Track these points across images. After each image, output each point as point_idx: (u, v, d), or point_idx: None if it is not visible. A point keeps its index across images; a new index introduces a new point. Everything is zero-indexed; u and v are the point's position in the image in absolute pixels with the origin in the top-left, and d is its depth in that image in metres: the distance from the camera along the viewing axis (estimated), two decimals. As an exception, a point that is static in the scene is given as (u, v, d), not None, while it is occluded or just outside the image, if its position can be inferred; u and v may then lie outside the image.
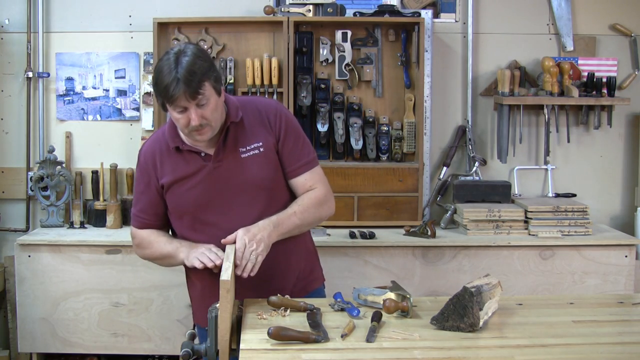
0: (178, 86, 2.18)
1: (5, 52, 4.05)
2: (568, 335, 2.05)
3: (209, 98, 2.25)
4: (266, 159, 2.40)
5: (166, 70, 2.20)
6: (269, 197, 2.41)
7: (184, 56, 2.22)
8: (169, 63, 2.21)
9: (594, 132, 4.13)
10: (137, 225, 2.52)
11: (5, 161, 4.08)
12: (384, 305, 2.19)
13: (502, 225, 3.76)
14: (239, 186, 2.38)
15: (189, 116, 2.24)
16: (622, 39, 4.13)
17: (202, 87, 2.21)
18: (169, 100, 2.22)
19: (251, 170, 2.38)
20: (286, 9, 3.89)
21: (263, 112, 2.44)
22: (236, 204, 2.38)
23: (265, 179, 2.40)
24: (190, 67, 2.20)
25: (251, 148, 2.40)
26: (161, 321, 3.70)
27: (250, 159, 2.39)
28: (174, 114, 2.27)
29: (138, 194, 2.51)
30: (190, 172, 2.39)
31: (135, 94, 4.06)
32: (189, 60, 2.21)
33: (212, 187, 2.38)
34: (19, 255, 3.67)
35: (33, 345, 3.71)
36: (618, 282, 3.70)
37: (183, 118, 2.26)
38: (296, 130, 2.48)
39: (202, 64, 2.23)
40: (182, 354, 2.03)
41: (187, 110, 2.24)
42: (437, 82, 4.04)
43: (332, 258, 3.59)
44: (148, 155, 2.46)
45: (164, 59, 2.24)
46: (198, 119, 2.24)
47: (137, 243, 2.54)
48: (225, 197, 2.38)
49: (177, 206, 2.43)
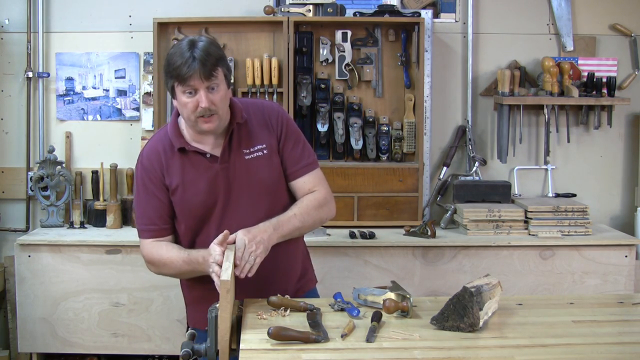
0: (193, 64, 2.19)
1: (5, 52, 4.05)
2: (568, 335, 2.05)
3: (220, 84, 2.26)
4: (269, 161, 2.40)
5: (179, 53, 2.22)
6: (272, 199, 2.41)
7: (199, 41, 2.25)
8: (183, 47, 2.23)
9: (594, 132, 4.13)
10: (148, 235, 2.41)
11: (5, 161, 4.08)
12: (384, 305, 2.19)
13: (502, 225, 3.76)
14: (244, 188, 2.38)
15: (198, 98, 2.23)
16: (622, 39, 4.13)
17: (215, 70, 2.23)
18: (181, 79, 2.20)
19: (256, 172, 2.38)
20: (286, 9, 3.89)
21: (265, 114, 2.44)
22: (240, 206, 2.38)
23: (269, 181, 2.40)
24: (206, 49, 2.22)
25: (255, 150, 2.39)
26: (161, 321, 3.70)
27: (255, 161, 2.38)
28: (182, 98, 2.25)
29: (142, 202, 2.41)
30: (197, 174, 2.36)
31: (135, 94, 4.06)
32: (204, 44, 2.24)
33: (219, 188, 2.37)
34: (19, 255, 3.67)
35: (33, 345, 3.71)
36: (618, 282, 3.70)
37: (192, 102, 2.24)
38: (296, 133, 2.48)
39: (216, 50, 2.27)
40: (182, 354, 2.03)
41: (196, 93, 2.23)
42: (437, 82, 4.04)
43: (332, 258, 3.59)
44: (152, 155, 2.40)
45: (177, 46, 2.26)
46: (207, 102, 2.22)
47: (149, 261, 2.42)
48: (230, 199, 2.37)
49: (183, 208, 2.39)
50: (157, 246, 2.40)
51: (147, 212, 2.41)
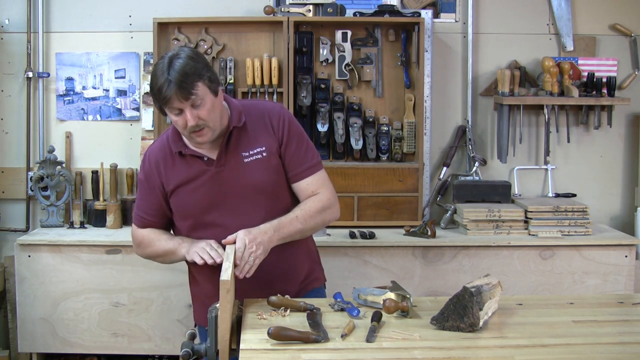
0: (170, 87, 2.20)
1: (5, 52, 4.05)
2: (568, 335, 2.05)
3: (204, 98, 2.26)
4: (269, 163, 2.41)
5: (159, 73, 2.24)
6: (271, 201, 2.41)
7: (177, 59, 2.24)
8: (162, 67, 2.24)
9: (594, 132, 4.13)
10: (139, 224, 2.53)
11: (5, 161, 4.08)
12: (384, 305, 2.19)
13: (502, 225, 3.76)
14: (242, 190, 2.39)
15: (185, 117, 2.26)
16: (622, 39, 4.13)
17: (194, 87, 2.23)
18: (163, 102, 2.25)
19: (253, 175, 2.39)
20: (286, 9, 3.89)
21: (267, 116, 2.45)
22: (239, 208, 2.39)
23: (267, 183, 2.40)
24: (182, 69, 2.22)
25: (254, 153, 2.40)
26: (161, 321, 3.70)
27: (253, 164, 2.39)
28: (171, 117, 2.30)
29: (141, 195, 2.52)
30: (193, 176, 2.40)
31: (135, 94, 4.06)
32: (181, 63, 2.23)
33: (215, 190, 2.38)
34: (19, 255, 3.67)
35: (33, 345, 3.71)
36: (618, 282, 3.70)
37: (180, 120, 2.27)
38: (300, 134, 2.48)
39: (194, 65, 2.25)
40: (182, 354, 2.03)
41: (183, 112, 2.26)
42: (437, 82, 4.04)
43: (332, 258, 3.59)
44: (152, 161, 2.47)
45: (158, 64, 2.27)
46: (194, 120, 2.25)
47: (137, 242, 2.55)
48: (227, 201, 2.39)
49: (180, 209, 2.45)
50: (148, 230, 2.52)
51: (144, 204, 2.51)
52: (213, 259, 2.29)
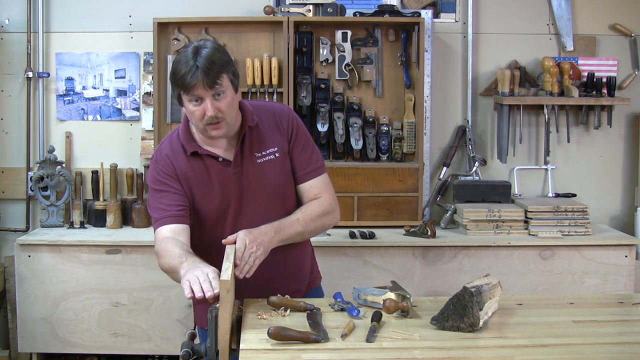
0: (196, 73, 2.18)
1: (5, 52, 4.05)
2: (568, 335, 2.05)
3: (226, 91, 2.24)
4: (281, 164, 2.40)
5: (184, 61, 2.20)
6: (281, 202, 2.42)
7: (204, 48, 2.23)
8: (187, 55, 2.21)
9: (594, 132, 4.13)
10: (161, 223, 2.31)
11: (5, 161, 4.08)
12: (384, 305, 2.18)
13: (502, 225, 3.76)
14: (257, 191, 2.38)
15: (205, 107, 2.22)
16: (622, 39, 4.13)
17: (220, 77, 2.21)
18: (185, 88, 2.20)
19: (269, 176, 2.38)
20: (286, 9, 3.89)
21: (277, 117, 2.44)
22: (253, 209, 2.38)
23: (281, 185, 2.41)
24: (210, 57, 2.20)
25: (267, 153, 2.39)
26: (161, 321, 3.70)
27: (267, 164, 2.38)
28: (189, 107, 2.24)
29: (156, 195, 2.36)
30: (209, 178, 2.36)
31: (135, 94, 4.06)
32: (208, 52, 2.21)
33: (231, 192, 2.37)
34: (19, 255, 3.67)
35: (33, 345, 3.72)
36: (618, 282, 3.70)
37: (198, 110, 2.23)
38: (306, 136, 2.48)
39: (221, 56, 2.24)
40: (182, 354, 2.03)
41: (202, 102, 2.22)
42: (437, 82, 4.04)
43: (332, 258, 3.59)
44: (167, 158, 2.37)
45: (182, 52, 2.24)
46: (214, 110, 2.22)
47: (156, 252, 2.33)
48: (242, 202, 2.38)
49: (195, 211, 2.39)
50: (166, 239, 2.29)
51: (161, 204, 2.34)
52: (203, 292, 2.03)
